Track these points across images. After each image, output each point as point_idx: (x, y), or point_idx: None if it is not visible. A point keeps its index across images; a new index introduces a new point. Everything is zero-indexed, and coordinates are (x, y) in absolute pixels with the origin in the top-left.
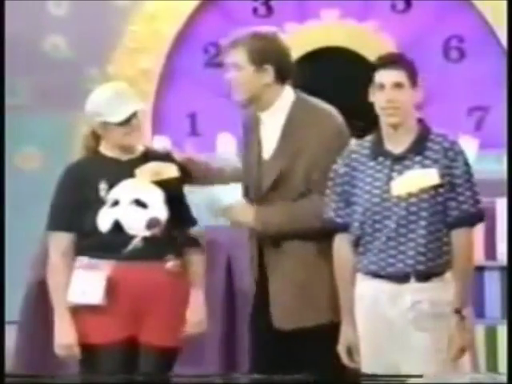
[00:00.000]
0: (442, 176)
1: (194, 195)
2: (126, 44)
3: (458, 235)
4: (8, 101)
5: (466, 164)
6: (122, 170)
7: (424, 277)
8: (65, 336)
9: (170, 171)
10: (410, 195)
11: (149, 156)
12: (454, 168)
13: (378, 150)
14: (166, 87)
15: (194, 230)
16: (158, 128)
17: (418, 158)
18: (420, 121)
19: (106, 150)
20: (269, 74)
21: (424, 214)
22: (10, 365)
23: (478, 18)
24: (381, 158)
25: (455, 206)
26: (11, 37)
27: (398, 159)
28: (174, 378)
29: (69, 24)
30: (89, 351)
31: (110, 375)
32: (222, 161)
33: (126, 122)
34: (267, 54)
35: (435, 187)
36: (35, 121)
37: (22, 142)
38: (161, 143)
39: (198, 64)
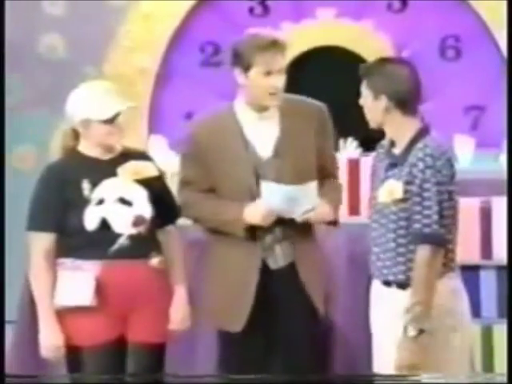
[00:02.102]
0: (406, 191)
1: (270, 193)
2: (122, 43)
3: (417, 251)
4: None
5: (426, 182)
6: (104, 169)
7: (403, 285)
8: (51, 338)
9: (150, 170)
10: (384, 205)
11: (127, 155)
12: (412, 185)
13: (388, 151)
14: (162, 87)
15: (173, 227)
16: (154, 127)
17: (400, 167)
18: (423, 120)
19: (85, 149)
20: None
21: (392, 226)
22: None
23: (474, 17)
24: (388, 159)
25: (410, 224)
26: (7, 36)
27: (391, 165)
28: (168, 378)
29: (65, 23)
30: (77, 354)
31: (111, 374)
32: None
33: (111, 121)
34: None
35: (403, 201)
36: (31, 120)
37: (17, 142)
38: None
39: (195, 63)
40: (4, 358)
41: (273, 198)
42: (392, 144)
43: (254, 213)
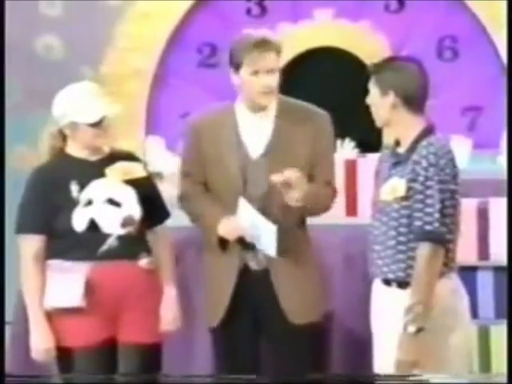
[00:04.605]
0: (409, 189)
1: (243, 212)
2: (119, 44)
3: (418, 249)
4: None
5: (429, 180)
6: (92, 171)
7: (403, 284)
8: (42, 340)
9: (139, 171)
10: (386, 203)
11: (115, 156)
12: (415, 182)
13: (393, 150)
14: (159, 87)
15: (162, 227)
16: (151, 128)
17: (404, 165)
18: (428, 120)
19: (73, 150)
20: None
21: (394, 223)
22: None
23: (472, 18)
24: (392, 159)
25: (411, 221)
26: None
27: (395, 163)
28: (161, 378)
29: (61, 24)
30: (68, 355)
31: (102, 375)
32: None
33: (98, 124)
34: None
35: (404, 198)
36: (27, 121)
37: (14, 142)
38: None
39: (192, 64)
40: (4, 357)
41: (243, 218)
42: (397, 143)
43: (224, 226)
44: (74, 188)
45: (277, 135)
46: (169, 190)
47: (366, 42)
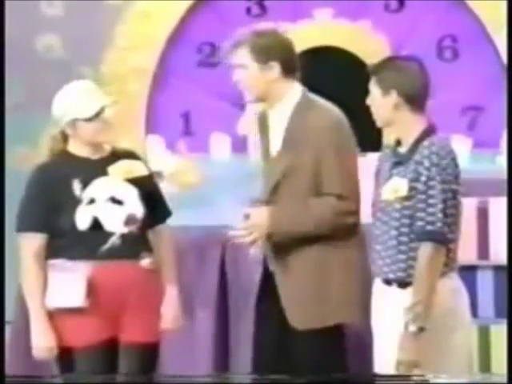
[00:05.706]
0: (410, 189)
1: None
2: (119, 43)
3: (419, 248)
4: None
5: (431, 180)
6: (94, 169)
7: (403, 284)
8: (43, 339)
9: (141, 169)
10: (388, 203)
11: (116, 155)
12: (417, 182)
13: (394, 150)
14: (159, 86)
15: (163, 226)
16: (151, 127)
17: (406, 165)
18: (429, 119)
19: (75, 149)
20: (274, 69)
21: (395, 223)
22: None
23: (472, 17)
24: (393, 158)
25: (412, 221)
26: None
27: (396, 163)
28: (161, 378)
29: (62, 23)
30: (69, 355)
31: (103, 375)
32: None
33: (96, 117)
34: (270, 50)
35: (406, 198)
36: (28, 120)
37: (14, 142)
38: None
39: (192, 63)
40: (4, 357)
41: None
42: (398, 143)
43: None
44: (76, 186)
45: (289, 136)
46: (169, 189)
47: (366, 42)
